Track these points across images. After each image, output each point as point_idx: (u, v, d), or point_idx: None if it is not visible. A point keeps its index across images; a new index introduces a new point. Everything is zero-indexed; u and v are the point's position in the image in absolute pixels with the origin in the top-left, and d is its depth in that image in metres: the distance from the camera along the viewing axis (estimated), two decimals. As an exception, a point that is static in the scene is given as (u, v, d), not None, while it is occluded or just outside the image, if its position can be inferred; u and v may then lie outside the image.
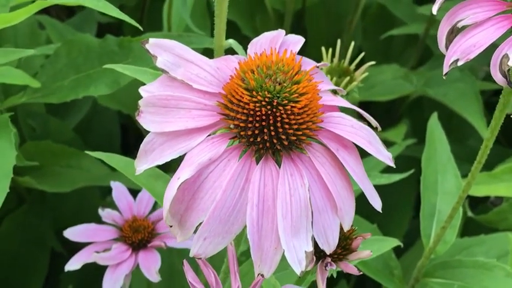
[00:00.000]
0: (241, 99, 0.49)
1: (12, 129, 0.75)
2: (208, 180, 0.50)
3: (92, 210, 1.24)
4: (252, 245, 0.50)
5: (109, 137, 1.35)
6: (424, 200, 0.84)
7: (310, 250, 0.50)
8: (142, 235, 0.80)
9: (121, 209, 0.83)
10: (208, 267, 0.56)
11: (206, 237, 0.50)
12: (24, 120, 1.15)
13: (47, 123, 1.18)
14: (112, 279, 0.77)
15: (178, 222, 0.51)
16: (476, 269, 0.83)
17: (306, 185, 0.50)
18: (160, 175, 0.73)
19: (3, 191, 0.70)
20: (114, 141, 1.36)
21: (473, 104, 0.99)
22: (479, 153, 0.66)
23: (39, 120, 1.17)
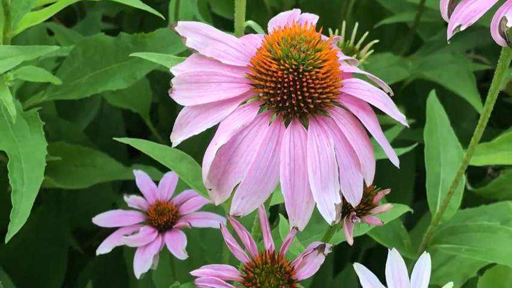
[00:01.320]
0: (269, 68, 0.54)
1: (41, 123, 0.80)
2: (243, 145, 0.55)
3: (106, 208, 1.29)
4: (287, 200, 0.55)
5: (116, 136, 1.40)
6: (429, 171, 0.89)
7: (339, 202, 0.55)
8: (167, 217, 0.84)
9: (145, 195, 0.87)
10: (243, 229, 0.61)
11: (244, 196, 0.55)
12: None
13: (59, 126, 1.23)
14: (142, 259, 0.82)
15: (216, 185, 0.56)
16: (482, 232, 0.88)
17: (331, 144, 0.55)
18: (184, 156, 0.78)
19: (39, 179, 0.75)
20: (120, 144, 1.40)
21: (467, 82, 1.05)
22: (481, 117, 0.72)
23: (52, 123, 1.21)
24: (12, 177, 0.74)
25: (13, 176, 0.74)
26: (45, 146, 0.78)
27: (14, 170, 0.75)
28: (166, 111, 1.39)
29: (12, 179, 0.74)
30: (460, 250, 0.87)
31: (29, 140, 0.78)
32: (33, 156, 0.76)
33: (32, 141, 0.78)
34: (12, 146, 0.76)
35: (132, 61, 0.90)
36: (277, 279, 0.59)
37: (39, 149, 0.77)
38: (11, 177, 0.74)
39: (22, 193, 0.74)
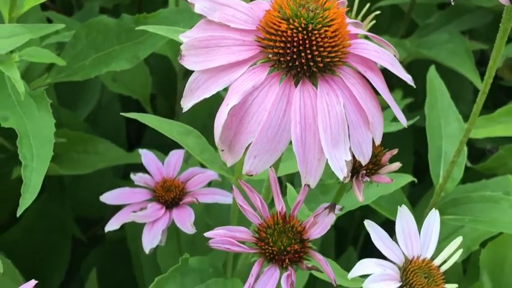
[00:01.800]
0: (279, 28, 0.55)
1: (48, 101, 0.81)
2: (254, 105, 0.56)
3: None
4: (298, 158, 0.56)
5: (115, 129, 1.41)
6: (431, 144, 0.90)
7: (349, 159, 0.56)
8: (174, 194, 0.85)
9: (151, 173, 0.88)
10: (254, 192, 0.62)
11: (256, 155, 0.56)
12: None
13: (59, 115, 1.23)
14: (150, 235, 0.83)
15: (228, 147, 0.57)
16: (484, 203, 0.89)
17: (341, 102, 0.56)
18: (190, 131, 0.79)
19: (48, 154, 0.76)
20: (120, 133, 1.41)
21: (465, 59, 1.06)
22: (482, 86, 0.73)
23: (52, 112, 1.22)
24: (22, 152, 0.75)
25: (23, 152, 0.75)
26: (53, 123, 0.79)
27: (23, 146, 0.76)
28: (165, 101, 1.39)
29: (22, 155, 0.75)
30: (463, 221, 0.88)
31: (36, 117, 0.79)
32: (42, 133, 0.77)
33: (40, 119, 0.78)
34: (20, 123, 0.77)
35: (135, 42, 0.91)
36: (289, 238, 0.60)
37: (47, 126, 0.78)
38: (21, 153, 0.75)
39: (32, 168, 0.75)
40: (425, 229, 0.61)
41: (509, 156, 1.05)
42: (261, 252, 0.61)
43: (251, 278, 0.59)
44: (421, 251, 0.60)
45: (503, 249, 0.99)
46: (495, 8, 1.22)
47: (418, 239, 0.60)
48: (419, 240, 0.60)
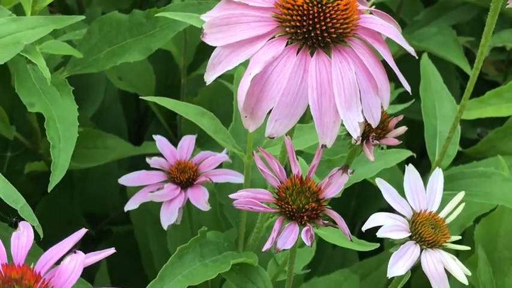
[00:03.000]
0: (295, 3, 0.61)
1: (70, 88, 0.86)
2: (274, 74, 0.62)
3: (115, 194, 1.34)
4: (316, 120, 0.62)
5: (117, 130, 1.46)
6: (427, 124, 0.97)
7: (361, 121, 0.62)
8: (188, 174, 0.91)
9: (166, 156, 0.94)
10: (272, 157, 0.68)
11: (277, 119, 0.62)
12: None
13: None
14: (168, 213, 0.88)
15: (250, 113, 0.63)
16: (478, 178, 0.95)
17: (352, 69, 0.62)
18: (205, 112, 0.85)
19: (73, 137, 0.81)
20: (122, 134, 1.46)
21: (454, 48, 1.13)
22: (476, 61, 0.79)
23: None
24: (49, 134, 0.80)
25: (50, 134, 0.80)
26: (76, 108, 0.85)
27: (50, 128, 0.81)
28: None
29: (50, 136, 0.80)
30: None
31: (60, 103, 0.84)
32: (66, 117, 0.82)
33: (64, 105, 0.84)
34: (46, 108, 0.83)
35: (147, 35, 0.97)
36: (307, 197, 0.66)
37: (70, 111, 0.83)
38: (49, 135, 0.80)
39: (60, 149, 0.80)
40: (430, 186, 0.67)
41: (498, 139, 1.12)
42: (281, 211, 0.66)
43: (274, 232, 0.65)
44: (427, 205, 0.66)
45: (496, 224, 1.05)
46: (479, 3, 1.29)
47: (424, 194, 0.66)
48: (426, 196, 0.66)
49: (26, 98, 0.84)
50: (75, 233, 0.55)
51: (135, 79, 1.27)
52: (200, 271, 0.80)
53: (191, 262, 0.80)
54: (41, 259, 0.52)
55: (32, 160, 1.22)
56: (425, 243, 0.63)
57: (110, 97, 1.41)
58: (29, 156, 1.24)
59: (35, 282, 0.48)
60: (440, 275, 0.62)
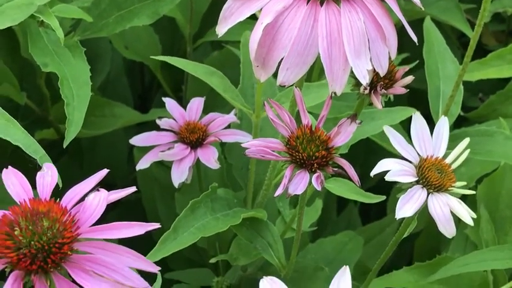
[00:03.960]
0: (305, -45, 0.63)
1: (82, 49, 0.88)
2: (284, 24, 0.64)
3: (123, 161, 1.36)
4: (326, 68, 0.64)
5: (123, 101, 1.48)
6: (430, 85, 0.99)
7: (370, 68, 0.64)
8: (198, 135, 0.93)
9: (175, 117, 0.96)
10: (282, 108, 0.70)
11: (288, 67, 0.64)
12: (56, 83, 1.27)
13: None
14: (178, 171, 0.91)
15: (262, 63, 0.65)
16: (480, 136, 0.97)
17: (361, 19, 0.64)
18: (214, 72, 0.87)
19: (86, 95, 0.83)
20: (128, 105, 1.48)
21: (457, 13, 1.15)
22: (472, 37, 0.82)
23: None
24: (63, 93, 0.82)
25: (64, 92, 0.82)
26: (88, 68, 0.87)
27: (64, 87, 0.83)
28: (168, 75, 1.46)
29: (64, 95, 0.82)
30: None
31: (73, 64, 0.86)
32: (79, 77, 0.84)
33: (76, 65, 0.86)
34: (59, 68, 0.85)
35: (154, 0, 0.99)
36: (317, 146, 0.68)
37: (83, 71, 0.85)
38: (63, 93, 0.82)
39: (74, 106, 0.82)
40: (436, 132, 0.69)
41: (500, 102, 1.14)
42: (292, 159, 0.68)
43: (285, 179, 0.67)
44: (433, 151, 0.68)
45: (498, 184, 1.07)
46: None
47: (430, 141, 0.68)
48: (432, 142, 0.68)
49: (40, 58, 0.85)
50: (96, 173, 0.57)
51: (142, 48, 1.29)
52: (212, 224, 0.82)
53: (203, 216, 0.82)
54: (65, 196, 0.54)
55: (42, 128, 1.24)
56: (432, 187, 0.66)
57: (115, 69, 1.43)
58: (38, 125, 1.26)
59: (62, 215, 0.50)
60: (447, 217, 0.64)
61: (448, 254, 1.01)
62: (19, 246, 0.48)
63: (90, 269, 0.49)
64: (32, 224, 0.49)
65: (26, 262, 0.48)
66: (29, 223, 0.49)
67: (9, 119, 0.68)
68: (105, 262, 0.50)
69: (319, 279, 0.98)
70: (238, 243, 0.93)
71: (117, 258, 0.51)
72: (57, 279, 0.49)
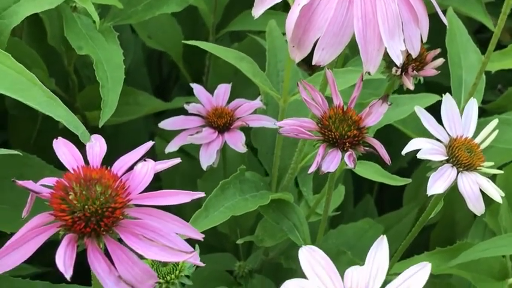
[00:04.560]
0: None
1: (115, 33, 0.90)
2: (321, 5, 0.66)
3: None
4: (360, 49, 0.66)
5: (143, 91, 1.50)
6: (453, 74, 1.01)
7: (403, 49, 0.66)
8: (225, 119, 0.95)
9: (203, 102, 0.98)
10: (315, 90, 0.72)
11: (324, 48, 0.66)
12: (82, 70, 1.29)
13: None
14: (207, 154, 0.93)
15: (297, 43, 0.67)
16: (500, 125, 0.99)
17: (395, 1, 0.66)
18: (244, 57, 0.89)
19: (120, 78, 0.85)
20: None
21: (477, 5, 1.17)
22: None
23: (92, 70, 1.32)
24: (98, 75, 0.85)
25: (99, 75, 0.85)
26: (121, 52, 0.89)
27: (98, 70, 0.85)
28: (195, 58, 1.48)
29: (99, 77, 0.85)
30: (482, 140, 0.99)
31: (106, 48, 0.88)
32: (113, 60, 0.87)
33: (109, 49, 0.88)
34: (93, 51, 0.87)
35: (183, -13, 1.01)
36: (349, 125, 0.70)
37: (116, 54, 0.88)
38: (98, 75, 0.85)
39: (108, 88, 0.84)
40: (465, 114, 0.71)
41: (519, 93, 1.16)
42: (324, 138, 0.71)
43: (318, 157, 0.69)
44: (463, 131, 0.70)
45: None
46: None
47: (460, 121, 0.70)
48: (461, 123, 0.70)
49: (75, 41, 0.88)
50: (143, 145, 0.59)
51: (164, 38, 1.31)
52: (241, 204, 0.84)
53: (233, 196, 0.84)
54: (114, 165, 0.56)
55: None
56: (462, 166, 0.68)
57: (135, 60, 1.45)
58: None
59: (113, 181, 0.52)
60: (476, 195, 0.66)
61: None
62: (73, 210, 0.50)
63: (140, 233, 0.51)
64: (86, 189, 0.51)
65: (80, 225, 0.50)
66: (83, 188, 0.51)
67: (52, 97, 0.70)
68: (153, 227, 0.52)
69: (342, 263, 1.00)
70: (264, 225, 0.95)
71: (164, 225, 0.53)
72: (108, 242, 0.51)
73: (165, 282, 0.60)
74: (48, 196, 0.52)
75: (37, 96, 0.69)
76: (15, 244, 0.51)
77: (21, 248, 0.51)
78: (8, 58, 0.71)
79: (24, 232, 0.52)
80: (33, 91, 0.69)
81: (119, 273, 0.50)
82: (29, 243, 0.51)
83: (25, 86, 0.70)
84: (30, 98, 0.69)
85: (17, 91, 0.69)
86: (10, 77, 0.70)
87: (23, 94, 0.69)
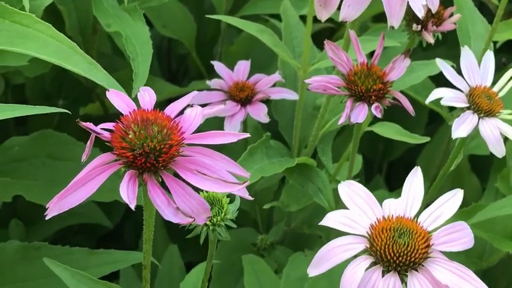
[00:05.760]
0: None
1: (141, 12, 0.95)
2: (345, -35, 0.71)
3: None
4: (385, 5, 0.70)
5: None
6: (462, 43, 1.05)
7: (424, 3, 0.71)
8: (247, 93, 0.99)
9: (224, 78, 1.02)
10: (340, 49, 0.77)
11: (349, 4, 0.70)
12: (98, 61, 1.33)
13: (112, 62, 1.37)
14: (231, 125, 0.97)
15: (323, 2, 0.72)
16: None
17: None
18: (265, 29, 0.94)
19: (149, 52, 0.89)
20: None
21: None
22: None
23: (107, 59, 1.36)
24: (128, 49, 0.89)
25: (129, 49, 0.89)
26: (147, 29, 0.93)
27: (128, 45, 0.89)
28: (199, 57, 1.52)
29: (129, 51, 0.89)
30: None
31: (133, 25, 0.92)
32: (140, 36, 0.91)
33: (136, 26, 0.92)
34: (121, 28, 0.91)
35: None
36: (374, 80, 0.75)
37: (143, 31, 0.92)
38: (128, 50, 0.89)
39: (138, 62, 0.88)
40: (483, 64, 0.75)
41: (523, 64, 1.20)
42: (351, 93, 0.75)
43: (347, 109, 0.73)
44: (481, 81, 0.74)
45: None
46: None
47: (478, 71, 0.75)
48: (480, 73, 0.74)
49: (103, 20, 0.92)
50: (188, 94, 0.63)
51: (177, 27, 1.36)
52: (269, 167, 0.88)
53: (260, 160, 0.88)
54: (165, 111, 0.60)
55: (86, 104, 1.31)
56: (482, 112, 0.72)
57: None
58: (79, 103, 1.33)
59: (168, 122, 0.56)
60: (497, 138, 0.71)
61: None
62: (133, 147, 0.54)
63: (194, 168, 0.55)
64: (144, 129, 0.55)
65: (140, 160, 0.54)
66: (141, 128, 0.55)
67: (93, 63, 0.74)
68: (205, 164, 0.56)
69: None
70: (288, 191, 0.99)
71: (215, 162, 0.57)
72: (166, 177, 0.55)
73: (212, 225, 0.64)
74: (108, 137, 0.56)
75: (79, 63, 0.73)
76: (79, 182, 0.55)
77: (85, 186, 0.55)
78: (49, 28, 0.75)
79: (87, 171, 0.56)
80: (75, 58, 0.73)
81: (177, 205, 0.54)
82: (92, 181, 0.55)
83: (67, 54, 0.74)
84: (73, 64, 0.73)
85: (60, 58, 0.73)
86: (52, 46, 0.74)
87: (66, 61, 0.73)
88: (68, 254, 0.88)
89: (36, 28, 0.75)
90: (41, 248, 0.88)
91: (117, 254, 0.88)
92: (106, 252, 0.88)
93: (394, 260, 0.54)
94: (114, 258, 0.88)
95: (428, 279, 0.53)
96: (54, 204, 0.55)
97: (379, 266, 0.54)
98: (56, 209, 0.55)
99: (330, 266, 0.55)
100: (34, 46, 0.73)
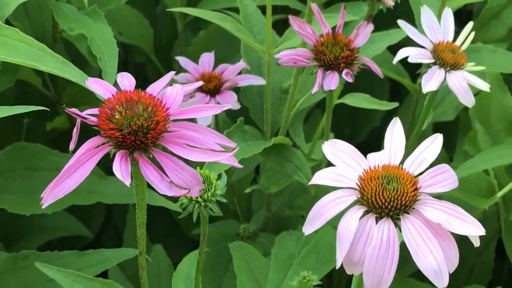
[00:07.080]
0: None
1: (101, 13, 0.95)
2: None
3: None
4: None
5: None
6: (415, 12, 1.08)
7: (381, -33, 0.73)
8: (215, 83, 1.01)
9: (190, 71, 1.04)
10: (304, 23, 0.78)
11: (310, -24, 0.73)
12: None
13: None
14: (203, 118, 0.98)
15: None
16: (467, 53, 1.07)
17: None
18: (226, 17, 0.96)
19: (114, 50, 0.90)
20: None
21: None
22: None
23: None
24: (94, 49, 0.90)
25: (95, 49, 0.90)
26: (110, 29, 0.94)
27: (93, 45, 0.90)
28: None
29: (95, 51, 0.89)
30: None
31: (95, 27, 0.93)
32: (103, 36, 0.92)
33: (98, 28, 0.93)
34: (84, 30, 0.92)
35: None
36: (341, 48, 0.77)
37: (105, 31, 0.93)
38: (94, 50, 0.90)
39: (105, 60, 0.89)
40: (443, 22, 0.78)
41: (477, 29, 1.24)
42: (321, 63, 0.77)
43: (318, 78, 0.75)
44: (443, 37, 0.77)
45: (487, 101, 1.17)
46: None
47: (439, 29, 0.77)
48: (441, 30, 0.77)
49: (65, 24, 0.93)
50: (167, 74, 0.64)
51: (134, 34, 1.37)
52: (246, 149, 0.90)
53: (237, 143, 0.90)
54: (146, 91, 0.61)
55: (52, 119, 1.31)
56: (448, 65, 0.74)
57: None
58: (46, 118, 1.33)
59: (151, 100, 0.57)
60: (465, 89, 0.73)
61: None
62: (121, 127, 0.55)
63: (183, 142, 0.57)
64: (129, 108, 0.56)
65: (130, 139, 0.55)
66: (126, 108, 0.56)
67: (64, 61, 0.75)
68: (192, 137, 0.57)
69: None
70: (267, 174, 1.00)
71: (202, 135, 0.58)
72: (156, 153, 0.56)
73: (203, 201, 0.65)
74: (94, 121, 0.57)
75: (50, 62, 0.74)
76: (71, 168, 0.56)
77: (77, 171, 0.56)
78: (17, 33, 0.76)
79: (77, 157, 0.56)
80: (45, 58, 0.74)
81: (170, 179, 0.55)
82: (84, 166, 0.56)
83: (38, 55, 0.74)
84: (44, 65, 0.74)
85: (31, 60, 0.74)
86: (22, 49, 0.74)
87: (38, 62, 0.74)
88: (58, 258, 0.88)
89: (3, 34, 0.76)
90: (29, 256, 0.88)
91: (106, 253, 0.89)
92: (95, 252, 0.89)
93: (385, 205, 0.55)
94: (104, 257, 0.89)
95: (420, 221, 0.55)
96: (48, 193, 0.56)
97: (372, 214, 0.56)
98: (51, 197, 0.56)
99: (324, 221, 0.57)
100: (4, 51, 0.74)
